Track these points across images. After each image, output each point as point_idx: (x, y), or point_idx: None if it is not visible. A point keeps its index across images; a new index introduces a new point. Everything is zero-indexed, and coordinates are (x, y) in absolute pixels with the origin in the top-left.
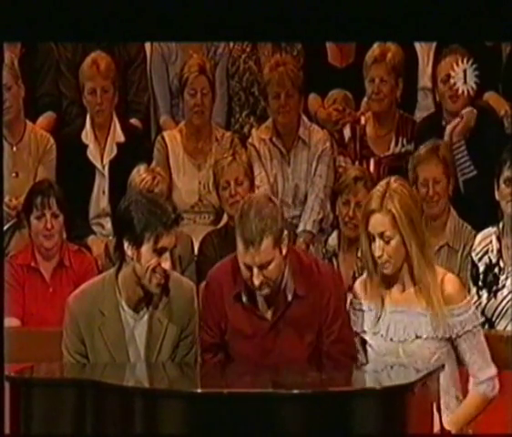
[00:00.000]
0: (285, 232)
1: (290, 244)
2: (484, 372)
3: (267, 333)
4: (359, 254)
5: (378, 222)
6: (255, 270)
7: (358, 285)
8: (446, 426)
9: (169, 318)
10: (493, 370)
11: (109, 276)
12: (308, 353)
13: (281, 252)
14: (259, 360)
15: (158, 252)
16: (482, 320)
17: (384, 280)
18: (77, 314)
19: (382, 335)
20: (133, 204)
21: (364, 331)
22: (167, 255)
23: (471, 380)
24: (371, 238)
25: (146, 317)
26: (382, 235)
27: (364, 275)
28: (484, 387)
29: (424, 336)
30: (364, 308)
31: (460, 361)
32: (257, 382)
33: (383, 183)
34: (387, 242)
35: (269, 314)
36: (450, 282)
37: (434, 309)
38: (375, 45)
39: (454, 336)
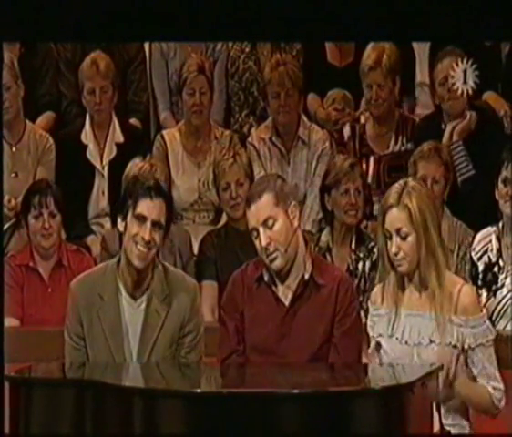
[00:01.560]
0: (293, 202)
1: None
2: (493, 384)
3: (283, 317)
4: (353, 246)
5: (395, 218)
6: (261, 230)
7: (375, 292)
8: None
9: (168, 311)
10: (502, 385)
11: (112, 263)
12: (319, 343)
13: (286, 214)
14: (273, 346)
15: (137, 219)
16: (495, 334)
17: (399, 281)
18: (78, 297)
19: (397, 338)
20: (129, 184)
21: (380, 335)
22: (147, 224)
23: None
24: (387, 236)
25: (143, 306)
26: (398, 231)
27: (380, 284)
28: (491, 390)
29: (438, 341)
30: (381, 312)
31: (471, 373)
32: (258, 382)
33: (401, 181)
34: (403, 239)
35: (287, 299)
36: (467, 295)
37: (437, 314)
38: (369, 49)
39: (466, 347)
